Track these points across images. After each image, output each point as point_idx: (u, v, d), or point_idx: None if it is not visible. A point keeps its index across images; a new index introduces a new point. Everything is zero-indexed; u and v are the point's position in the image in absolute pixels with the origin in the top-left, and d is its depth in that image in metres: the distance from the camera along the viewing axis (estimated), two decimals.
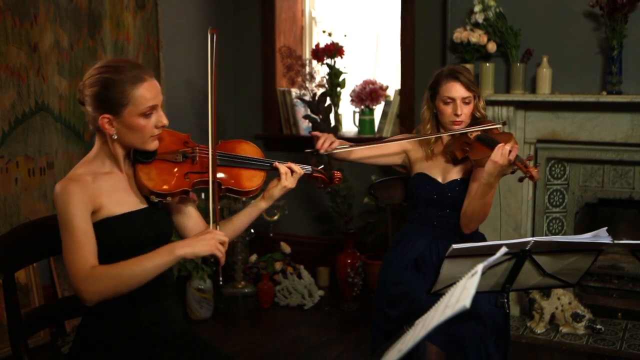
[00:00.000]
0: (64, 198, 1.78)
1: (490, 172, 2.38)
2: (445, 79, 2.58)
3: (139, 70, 1.83)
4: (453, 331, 2.29)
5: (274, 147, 4.83)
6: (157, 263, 1.75)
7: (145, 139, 1.86)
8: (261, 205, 2.10)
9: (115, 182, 1.89)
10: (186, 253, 1.76)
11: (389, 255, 2.70)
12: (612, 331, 3.61)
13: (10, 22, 3.33)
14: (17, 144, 3.41)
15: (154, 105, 1.84)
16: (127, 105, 1.80)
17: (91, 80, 1.82)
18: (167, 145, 1.96)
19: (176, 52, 4.38)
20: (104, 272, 1.75)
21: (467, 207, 2.52)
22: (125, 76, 1.80)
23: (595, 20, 3.54)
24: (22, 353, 1.85)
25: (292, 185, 2.11)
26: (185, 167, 1.94)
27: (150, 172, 1.90)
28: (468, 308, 1.17)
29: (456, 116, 2.57)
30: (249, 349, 3.54)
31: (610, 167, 3.73)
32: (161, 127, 1.88)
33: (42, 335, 3.44)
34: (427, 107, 2.68)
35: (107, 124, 1.82)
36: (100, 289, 1.73)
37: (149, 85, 1.83)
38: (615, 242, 1.96)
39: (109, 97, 1.80)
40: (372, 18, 4.75)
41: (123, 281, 1.74)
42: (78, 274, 1.74)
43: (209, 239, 1.77)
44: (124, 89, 1.80)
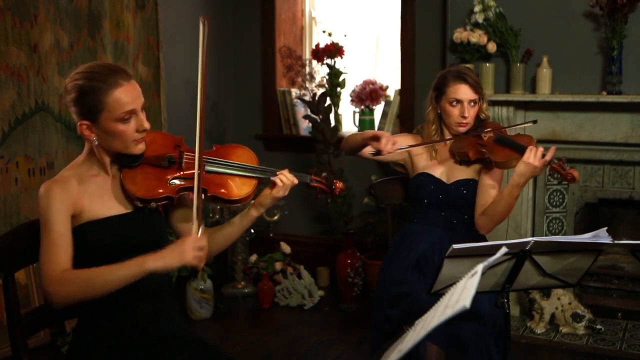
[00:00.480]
0: (46, 200, 1.79)
1: (523, 173, 2.40)
2: (453, 81, 2.57)
3: (114, 75, 1.80)
4: (454, 331, 2.28)
5: (273, 147, 4.84)
6: (126, 274, 1.74)
7: (127, 144, 1.84)
8: (252, 214, 2.02)
9: (102, 185, 1.89)
10: (156, 267, 1.74)
11: (389, 256, 2.68)
12: (612, 331, 3.61)
13: (10, 22, 3.33)
14: (17, 144, 3.41)
15: (132, 110, 1.81)
16: (102, 112, 1.79)
17: (69, 87, 1.82)
18: (157, 148, 1.93)
19: (176, 52, 4.38)
20: (73, 277, 1.75)
21: (491, 209, 2.52)
22: (98, 82, 1.78)
23: (595, 20, 3.54)
24: (22, 353, 1.85)
25: (284, 194, 2.04)
26: (170, 172, 1.91)
27: (135, 176, 1.88)
28: (468, 308, 1.17)
29: (463, 118, 2.57)
30: (249, 349, 3.54)
31: (610, 167, 3.73)
32: (143, 131, 1.85)
33: (42, 335, 3.43)
34: (432, 108, 2.66)
35: (85, 130, 1.82)
36: (67, 292, 1.74)
37: (125, 89, 1.80)
38: (615, 242, 1.96)
39: (83, 103, 1.79)
40: (372, 18, 4.75)
41: (91, 287, 1.74)
42: (48, 276, 1.74)
43: (181, 250, 1.74)
44: (97, 95, 1.78)
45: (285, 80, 4.67)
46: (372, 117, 4.55)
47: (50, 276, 1.74)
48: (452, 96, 2.56)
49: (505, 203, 2.48)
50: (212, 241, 2.02)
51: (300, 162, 4.71)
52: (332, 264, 4.40)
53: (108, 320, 1.88)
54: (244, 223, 2.03)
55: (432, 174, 2.64)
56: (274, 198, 2.03)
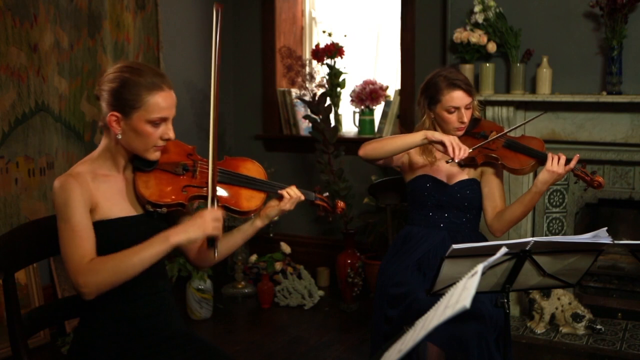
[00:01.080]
0: (64, 193, 1.79)
1: (546, 180, 2.44)
2: (447, 88, 2.53)
3: (160, 78, 1.84)
4: (454, 331, 2.28)
5: (273, 147, 4.84)
6: (153, 252, 1.76)
7: (147, 147, 1.85)
8: (257, 224, 2.05)
9: (113, 185, 1.89)
10: (181, 240, 1.77)
11: (389, 257, 2.67)
12: (612, 331, 3.61)
13: (11, 23, 3.33)
14: (17, 144, 3.41)
15: (165, 117, 1.84)
16: (138, 109, 1.80)
17: (111, 77, 1.83)
18: (170, 155, 1.95)
19: (176, 53, 4.39)
20: (101, 265, 1.75)
21: (510, 214, 2.54)
22: (144, 80, 1.81)
23: (595, 20, 3.54)
24: (22, 353, 1.85)
25: (291, 208, 2.07)
26: (184, 180, 1.93)
27: (148, 180, 1.89)
28: (468, 308, 1.17)
29: (462, 124, 2.57)
30: (248, 349, 3.54)
31: (610, 167, 3.73)
32: (166, 140, 1.87)
33: (42, 336, 3.43)
34: (427, 117, 2.63)
35: (114, 122, 1.83)
36: (98, 281, 1.73)
37: (166, 95, 1.83)
38: (615, 243, 1.96)
39: (123, 96, 1.80)
40: (372, 18, 4.75)
41: (121, 272, 1.74)
42: (77, 268, 1.74)
43: (202, 222, 1.79)
44: (139, 91, 1.80)
45: (285, 81, 4.68)
46: (372, 117, 4.55)
47: (78, 268, 1.74)
48: (449, 104, 2.54)
49: (525, 209, 2.53)
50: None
51: (300, 162, 4.71)
52: (332, 264, 4.40)
53: (109, 320, 1.89)
54: (247, 233, 2.06)
55: (434, 176, 2.62)
56: (280, 210, 2.06)
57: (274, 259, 4.25)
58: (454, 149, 2.36)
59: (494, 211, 2.59)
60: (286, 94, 4.78)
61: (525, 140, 2.59)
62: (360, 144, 2.57)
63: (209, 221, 1.79)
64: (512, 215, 2.54)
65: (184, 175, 1.93)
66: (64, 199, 1.78)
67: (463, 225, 2.60)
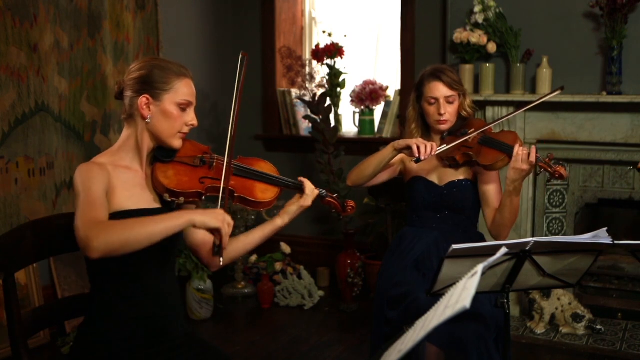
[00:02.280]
0: (85, 174, 1.82)
1: (515, 178, 2.40)
2: (428, 79, 2.59)
3: (185, 69, 1.96)
4: (453, 331, 2.29)
5: (273, 147, 4.84)
6: (168, 225, 1.75)
7: (174, 132, 1.92)
8: (277, 223, 2.11)
9: (133, 178, 1.92)
10: (196, 219, 1.78)
11: (388, 258, 2.69)
12: (612, 332, 3.61)
13: (11, 23, 3.33)
14: (17, 144, 3.41)
15: (191, 102, 1.94)
16: (168, 91, 1.90)
17: (139, 66, 1.92)
18: (187, 151, 2.00)
19: (176, 53, 4.38)
20: (114, 224, 1.74)
21: (500, 218, 2.52)
22: (172, 67, 1.93)
23: (595, 20, 3.54)
24: (22, 353, 1.85)
25: (309, 204, 2.13)
26: (201, 171, 1.98)
27: (167, 170, 1.93)
28: (468, 308, 1.17)
29: (440, 115, 2.57)
30: (248, 349, 3.54)
31: (610, 167, 3.73)
32: (190, 126, 1.95)
33: (42, 336, 3.43)
34: (412, 107, 2.69)
35: (145, 105, 1.89)
36: (108, 237, 1.67)
37: (190, 83, 1.95)
38: (615, 243, 1.96)
39: (153, 78, 1.89)
40: (372, 18, 4.75)
41: (132, 236, 1.70)
42: (88, 225, 1.70)
43: (220, 214, 1.82)
44: (169, 75, 1.90)
45: (285, 81, 4.68)
46: (372, 117, 4.55)
47: (89, 225, 1.70)
48: (429, 95, 2.58)
49: (508, 210, 2.49)
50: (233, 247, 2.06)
51: (300, 162, 4.71)
52: (332, 265, 4.40)
53: (116, 320, 1.89)
54: (266, 231, 2.12)
55: (425, 177, 2.64)
56: (300, 207, 2.12)
57: (274, 259, 4.25)
58: (419, 148, 2.39)
59: (492, 214, 2.57)
60: (286, 94, 4.78)
61: (501, 135, 2.55)
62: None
63: (225, 219, 1.81)
64: (503, 219, 2.52)
65: (201, 167, 1.99)
66: (84, 179, 1.81)
67: (456, 225, 2.61)
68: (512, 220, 2.53)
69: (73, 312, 2.04)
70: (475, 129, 2.57)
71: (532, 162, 2.36)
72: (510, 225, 2.55)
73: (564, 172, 2.32)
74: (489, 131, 2.58)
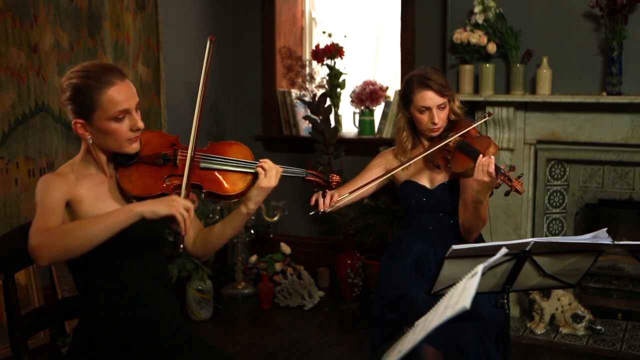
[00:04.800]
0: (43, 186, 1.80)
1: (478, 190, 2.32)
2: (418, 88, 2.51)
3: (108, 74, 1.81)
4: (452, 333, 2.28)
5: (273, 147, 4.83)
6: (114, 221, 1.71)
7: (121, 143, 1.84)
8: (242, 211, 1.96)
9: (99, 184, 1.89)
10: (144, 210, 1.72)
11: (386, 259, 2.69)
12: (612, 332, 3.61)
13: (11, 23, 3.33)
14: (17, 144, 3.41)
15: (125, 109, 1.81)
16: (96, 110, 1.80)
17: (64, 85, 1.84)
18: (153, 147, 1.94)
19: (176, 53, 4.39)
20: (57, 229, 1.72)
21: (464, 221, 2.50)
22: (93, 81, 1.79)
23: (595, 21, 3.54)
24: (22, 354, 1.85)
25: (271, 184, 1.95)
26: (165, 170, 1.92)
27: (131, 175, 1.89)
28: (468, 309, 1.17)
29: (433, 124, 2.52)
30: (248, 349, 3.54)
31: (610, 167, 3.73)
32: (137, 131, 1.85)
33: (42, 336, 3.43)
34: (402, 115, 2.63)
35: (80, 129, 1.84)
36: (49, 244, 1.67)
37: (119, 88, 1.80)
38: (615, 243, 1.96)
39: (78, 102, 1.80)
40: (372, 19, 4.75)
41: (75, 238, 1.69)
42: (33, 232, 1.71)
43: (172, 200, 1.75)
44: (91, 93, 1.79)
45: (285, 81, 4.67)
46: (372, 117, 4.55)
47: (36, 232, 1.70)
48: (420, 104, 2.51)
49: (473, 216, 2.43)
50: (206, 240, 2.03)
51: (300, 162, 4.71)
52: (332, 265, 4.40)
53: (109, 320, 1.89)
54: (234, 221, 1.99)
55: (416, 181, 2.62)
56: (260, 189, 1.94)
57: (274, 259, 4.25)
58: (317, 201, 2.38)
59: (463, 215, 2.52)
60: (286, 94, 4.78)
61: (477, 140, 2.47)
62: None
63: (179, 204, 1.74)
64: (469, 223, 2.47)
65: (165, 165, 1.92)
66: (42, 190, 1.80)
67: (450, 226, 2.60)
68: (480, 226, 2.48)
69: (73, 312, 2.04)
70: (455, 132, 2.51)
71: (491, 173, 2.25)
72: (477, 230, 2.50)
73: (520, 188, 2.22)
74: (470, 134, 2.51)
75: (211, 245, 2.04)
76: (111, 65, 1.88)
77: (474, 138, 2.49)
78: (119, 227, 1.72)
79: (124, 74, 1.86)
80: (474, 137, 2.50)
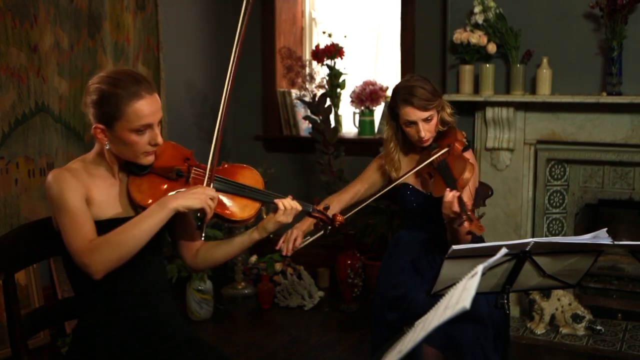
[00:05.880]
0: (58, 184, 1.80)
1: (447, 220, 2.28)
2: (402, 104, 2.48)
3: (138, 85, 1.80)
4: (452, 333, 2.29)
5: (273, 148, 4.83)
6: (152, 221, 1.76)
7: (137, 155, 1.85)
8: (254, 237, 2.03)
9: (109, 187, 1.90)
10: (179, 205, 1.77)
11: (386, 259, 2.70)
12: (612, 332, 3.61)
13: (11, 23, 3.33)
14: (17, 144, 3.41)
15: (148, 124, 1.82)
16: (119, 120, 1.79)
17: (91, 89, 1.83)
18: (167, 159, 1.94)
19: (176, 53, 4.38)
20: (102, 242, 1.76)
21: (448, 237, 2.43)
22: (122, 91, 1.78)
23: (595, 21, 3.54)
24: (22, 354, 1.85)
25: (288, 221, 2.04)
26: (177, 185, 1.91)
27: (141, 184, 1.89)
28: (468, 309, 1.17)
29: (420, 138, 2.49)
30: (248, 350, 3.54)
31: (610, 168, 3.73)
32: (155, 146, 1.86)
33: (42, 336, 3.43)
34: (389, 127, 2.60)
35: (99, 134, 1.83)
36: (103, 257, 1.73)
37: (146, 102, 1.80)
38: (615, 243, 1.96)
39: (103, 108, 1.80)
40: (372, 19, 4.75)
41: (123, 245, 1.75)
42: (80, 249, 1.74)
43: (201, 193, 1.79)
44: (118, 103, 1.78)
45: (285, 81, 4.67)
46: (372, 118, 4.55)
47: (81, 248, 1.74)
48: (405, 118, 2.48)
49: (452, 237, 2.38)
50: (210, 255, 2.05)
51: (300, 163, 4.71)
52: (332, 265, 4.39)
53: (108, 321, 1.88)
54: (244, 244, 2.05)
55: (413, 185, 2.61)
56: (277, 223, 2.03)
57: (274, 259, 4.25)
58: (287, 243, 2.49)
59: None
60: (286, 94, 4.78)
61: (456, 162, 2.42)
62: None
63: (207, 195, 1.79)
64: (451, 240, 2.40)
65: (177, 180, 1.92)
66: (58, 189, 1.79)
67: None
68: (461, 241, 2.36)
69: (73, 312, 2.04)
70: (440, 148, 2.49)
71: (455, 212, 2.20)
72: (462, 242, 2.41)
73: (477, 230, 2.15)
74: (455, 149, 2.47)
75: (213, 261, 2.07)
76: (142, 76, 1.87)
77: (455, 157, 2.46)
78: (160, 225, 1.77)
79: (153, 87, 1.86)
80: (455, 156, 2.47)
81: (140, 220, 1.76)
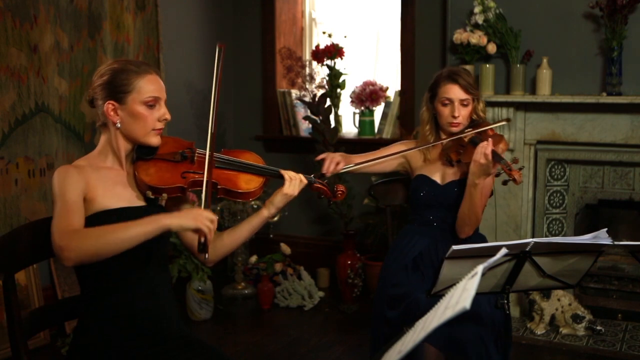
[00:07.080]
0: (61, 177, 1.83)
1: (473, 171, 2.40)
2: (444, 81, 2.60)
3: (146, 65, 1.94)
4: (453, 333, 2.29)
5: (273, 148, 4.84)
6: (142, 230, 1.75)
7: (147, 131, 1.91)
8: (263, 213, 2.07)
9: (115, 177, 1.93)
10: (172, 223, 1.77)
11: (388, 257, 2.70)
12: (612, 332, 3.61)
13: (11, 24, 3.33)
14: (17, 145, 3.41)
15: (157, 97, 1.91)
16: (130, 92, 1.88)
17: (101, 72, 1.92)
18: (169, 148, 2.00)
19: (176, 54, 4.38)
20: (87, 232, 1.76)
21: (460, 212, 2.53)
22: (131, 67, 1.90)
23: (595, 21, 3.54)
24: (22, 354, 1.85)
25: (294, 193, 2.09)
26: (183, 166, 1.98)
27: (148, 168, 1.94)
28: (468, 309, 1.17)
29: (453, 118, 2.58)
30: (248, 350, 3.54)
31: (610, 168, 3.73)
32: (164, 121, 1.94)
33: (42, 337, 3.43)
34: (426, 108, 2.70)
35: (111, 111, 1.89)
36: (80, 246, 1.71)
37: (154, 78, 1.92)
38: (615, 244, 1.96)
39: (115, 83, 1.88)
40: (372, 19, 4.75)
41: (105, 243, 1.73)
42: (61, 232, 1.73)
43: (197, 214, 1.80)
44: (129, 77, 1.88)
45: (285, 82, 4.68)
46: (372, 118, 4.55)
47: (61, 232, 1.73)
48: (443, 96, 2.59)
49: (467, 205, 2.48)
50: (220, 243, 2.07)
51: (300, 163, 4.71)
52: (332, 265, 4.40)
53: (108, 321, 1.88)
54: (253, 223, 2.08)
55: (428, 176, 2.67)
56: (284, 195, 2.07)
57: (274, 259, 4.25)
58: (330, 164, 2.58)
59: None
60: (286, 94, 4.78)
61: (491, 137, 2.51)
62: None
63: (204, 217, 1.80)
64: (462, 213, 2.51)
65: (183, 162, 1.98)
66: (60, 182, 1.82)
67: (454, 224, 2.61)
68: (471, 218, 2.51)
69: (73, 313, 2.03)
70: (473, 129, 2.59)
71: (487, 155, 2.33)
72: (469, 224, 2.53)
73: (517, 177, 2.27)
74: (487, 134, 2.56)
75: (223, 250, 2.08)
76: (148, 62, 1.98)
77: (490, 136, 2.54)
78: (147, 237, 1.76)
79: (159, 71, 1.98)
80: (490, 135, 2.55)
81: (130, 225, 1.76)
